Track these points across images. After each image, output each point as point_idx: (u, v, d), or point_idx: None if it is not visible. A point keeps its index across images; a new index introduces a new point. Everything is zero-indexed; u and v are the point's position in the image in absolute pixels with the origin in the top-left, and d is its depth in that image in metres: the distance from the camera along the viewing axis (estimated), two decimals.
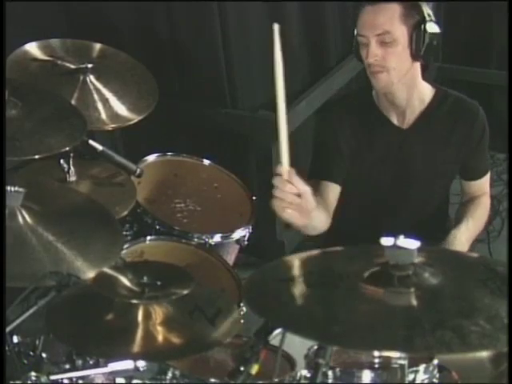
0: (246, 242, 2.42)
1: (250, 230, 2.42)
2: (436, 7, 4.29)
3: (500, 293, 1.29)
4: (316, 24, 3.57)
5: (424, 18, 2.02)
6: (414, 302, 1.27)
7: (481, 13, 4.22)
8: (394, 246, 1.31)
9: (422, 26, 2.01)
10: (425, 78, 2.18)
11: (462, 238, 2.13)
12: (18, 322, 1.56)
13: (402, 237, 1.32)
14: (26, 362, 1.66)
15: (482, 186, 2.32)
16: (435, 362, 1.60)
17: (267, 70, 3.51)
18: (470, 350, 1.17)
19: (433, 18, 2.05)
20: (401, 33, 2.01)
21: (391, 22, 2.00)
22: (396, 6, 2.01)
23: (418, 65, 2.10)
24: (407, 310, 1.27)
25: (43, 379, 1.53)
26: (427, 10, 2.05)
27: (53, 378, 1.55)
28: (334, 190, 2.20)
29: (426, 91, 2.18)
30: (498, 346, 1.18)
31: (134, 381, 1.60)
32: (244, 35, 3.14)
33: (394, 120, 2.19)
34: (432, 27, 2.04)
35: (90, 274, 1.65)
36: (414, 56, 2.04)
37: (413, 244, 1.31)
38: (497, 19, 4.14)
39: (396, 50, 2.02)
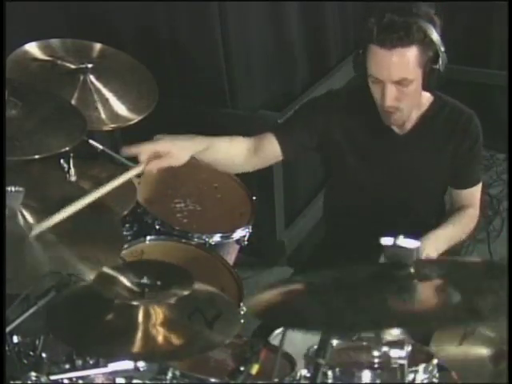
0: (245, 242, 2.42)
1: (250, 230, 2.42)
2: (436, 7, 4.29)
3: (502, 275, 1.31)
4: (316, 24, 3.58)
5: (437, 53, 1.97)
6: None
7: (481, 13, 4.22)
8: (394, 246, 1.31)
9: (437, 63, 1.96)
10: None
11: (436, 240, 2.04)
12: (18, 322, 1.56)
13: (401, 237, 1.32)
14: (26, 361, 1.66)
15: (471, 196, 2.23)
16: (435, 361, 1.60)
17: (267, 70, 3.53)
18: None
19: (443, 49, 1.98)
20: (417, 75, 1.98)
21: (409, 68, 1.95)
22: (413, 50, 1.94)
23: None
24: None
25: (43, 379, 1.54)
26: (438, 40, 1.97)
27: (53, 378, 1.55)
28: (273, 148, 2.19)
29: (424, 99, 2.15)
30: None
31: (134, 381, 1.59)
32: (244, 35, 3.14)
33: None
34: (444, 58, 1.98)
35: (91, 273, 1.65)
36: (425, 88, 2.03)
37: (413, 244, 1.32)
38: (497, 19, 4.14)
39: (412, 89, 1.99)
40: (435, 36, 1.97)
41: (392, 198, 2.21)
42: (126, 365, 1.56)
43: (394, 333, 1.47)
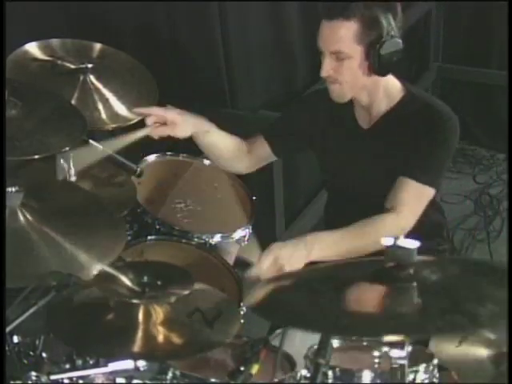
0: (246, 242, 2.42)
1: (250, 230, 2.42)
2: (436, 7, 4.30)
3: (502, 283, 1.29)
4: (316, 24, 3.57)
5: (381, 36, 1.95)
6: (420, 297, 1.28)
7: (481, 13, 4.23)
8: (394, 246, 1.31)
9: (378, 45, 1.94)
10: (396, 77, 2.10)
11: (314, 242, 1.91)
12: (18, 321, 1.56)
13: (401, 237, 1.32)
14: (26, 361, 1.66)
15: (403, 195, 1.99)
16: (435, 361, 1.60)
17: (267, 70, 3.53)
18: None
19: (395, 34, 1.96)
20: (355, 51, 1.97)
21: (344, 41, 1.96)
22: (352, 25, 1.94)
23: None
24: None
25: (43, 379, 1.54)
26: (390, 25, 1.95)
27: (53, 377, 1.55)
28: (264, 149, 2.31)
29: (394, 93, 2.10)
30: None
31: (134, 381, 1.59)
32: (244, 35, 3.14)
33: (360, 118, 2.15)
34: (393, 44, 1.96)
35: (93, 269, 1.65)
36: (372, 71, 2.00)
37: (413, 244, 1.32)
38: (497, 19, 4.15)
39: (350, 65, 1.99)
40: (384, 19, 1.95)
41: (376, 196, 2.15)
42: (126, 364, 1.56)
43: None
